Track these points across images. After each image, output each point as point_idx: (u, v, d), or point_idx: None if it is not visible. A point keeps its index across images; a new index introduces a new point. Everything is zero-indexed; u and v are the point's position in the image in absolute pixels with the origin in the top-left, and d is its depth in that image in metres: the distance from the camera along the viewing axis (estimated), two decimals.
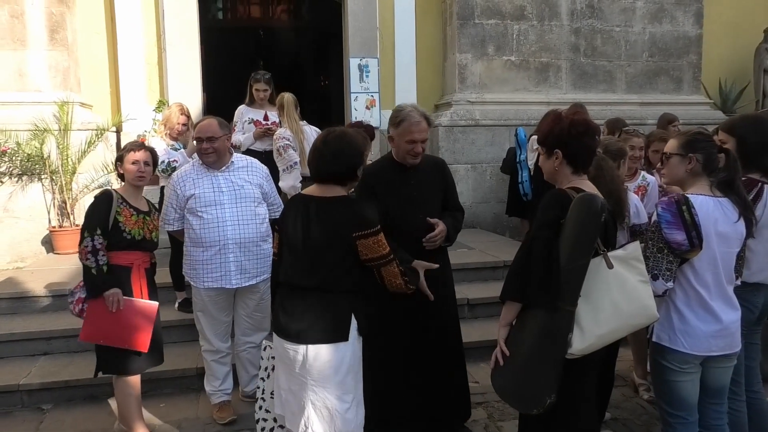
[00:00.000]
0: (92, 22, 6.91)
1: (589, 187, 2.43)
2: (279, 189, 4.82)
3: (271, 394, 2.75)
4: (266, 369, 2.88)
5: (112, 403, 3.59)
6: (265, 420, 2.84)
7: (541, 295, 2.30)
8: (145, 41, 6.96)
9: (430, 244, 3.07)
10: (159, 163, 4.32)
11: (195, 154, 4.69)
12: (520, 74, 7.67)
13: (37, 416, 3.80)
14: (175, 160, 4.62)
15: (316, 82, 11.76)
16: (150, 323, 3.20)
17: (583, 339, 2.28)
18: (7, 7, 6.25)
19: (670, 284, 2.46)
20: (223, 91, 8.82)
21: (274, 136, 4.84)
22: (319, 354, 2.45)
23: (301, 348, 2.46)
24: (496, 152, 7.19)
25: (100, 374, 3.32)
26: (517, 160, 6.22)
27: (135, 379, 3.31)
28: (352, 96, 7.42)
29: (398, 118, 3.05)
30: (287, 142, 4.71)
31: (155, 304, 3.21)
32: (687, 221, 2.41)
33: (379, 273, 2.54)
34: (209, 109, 7.23)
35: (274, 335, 2.61)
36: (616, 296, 2.30)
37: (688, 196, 2.48)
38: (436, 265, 2.90)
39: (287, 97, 4.91)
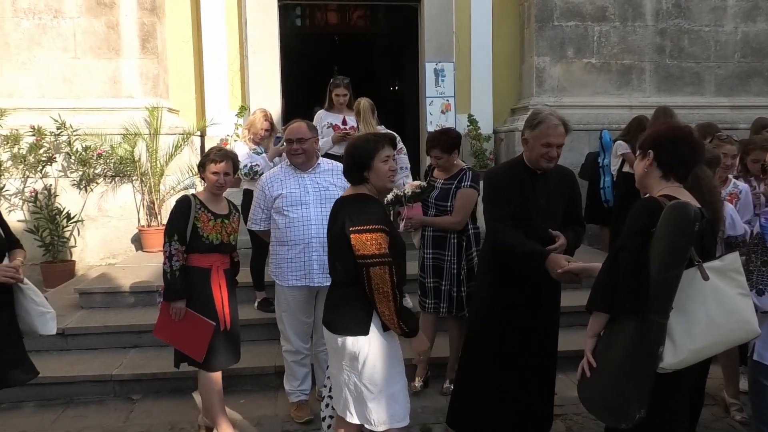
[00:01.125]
0: (180, 31, 7.24)
1: (684, 195, 2.33)
2: None
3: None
4: (330, 390, 3.02)
5: (196, 396, 3.73)
6: (331, 417, 2.95)
7: (630, 306, 2.23)
8: (228, 49, 7.22)
9: (563, 280, 2.93)
10: (241, 167, 4.49)
11: (276, 158, 4.86)
12: (600, 77, 7.45)
13: (128, 405, 4.01)
14: (256, 165, 4.77)
15: (390, 87, 11.84)
16: (206, 339, 3.30)
17: (676, 353, 2.19)
18: (104, 18, 6.64)
19: None
20: (299, 95, 9.07)
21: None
22: (345, 344, 2.60)
23: (334, 335, 2.65)
24: (574, 157, 6.98)
25: (182, 367, 3.46)
26: (600, 164, 6.03)
27: (217, 375, 3.43)
28: (428, 100, 7.42)
29: (535, 120, 2.98)
30: None
31: (212, 324, 3.29)
32: None
33: (367, 273, 2.50)
34: (287, 113, 7.44)
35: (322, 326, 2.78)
36: (712, 309, 2.19)
37: None
38: (575, 265, 2.80)
39: (364, 102, 4.96)
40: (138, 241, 6.59)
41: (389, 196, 3.71)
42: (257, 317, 4.72)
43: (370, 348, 2.57)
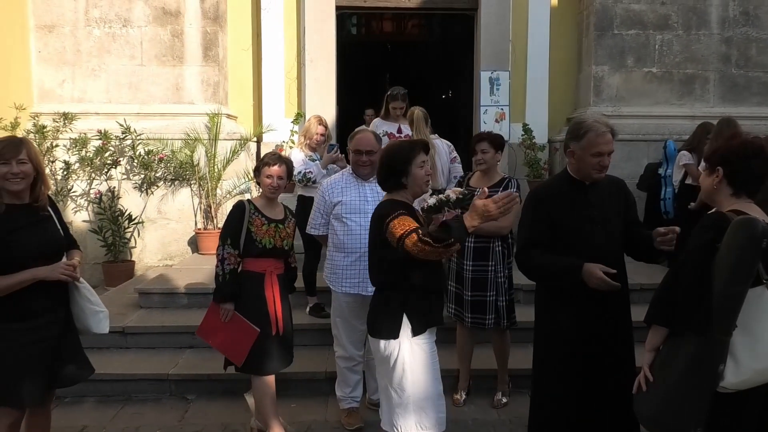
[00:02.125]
0: (240, 39, 7.43)
1: (754, 210, 2.26)
2: None
3: None
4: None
5: (249, 399, 3.80)
6: None
7: (689, 321, 2.18)
8: (285, 57, 7.37)
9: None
10: (295, 173, 4.56)
11: (330, 165, 4.92)
12: (661, 87, 7.24)
13: (183, 405, 4.12)
14: (309, 171, 4.84)
15: (443, 95, 11.83)
16: (248, 344, 3.34)
17: (738, 372, 2.13)
18: (169, 27, 6.88)
19: None
20: (352, 102, 9.16)
21: None
22: (378, 346, 2.73)
23: (372, 339, 2.80)
24: (632, 168, 6.80)
25: (230, 370, 3.51)
26: (663, 175, 5.84)
27: (270, 379, 3.49)
28: (482, 109, 7.38)
29: (581, 129, 2.82)
30: None
31: (256, 330, 3.33)
32: None
33: (404, 249, 2.54)
34: (341, 120, 7.53)
35: None
36: None
37: None
38: (614, 271, 2.70)
39: (417, 112, 4.97)
40: (194, 244, 6.78)
41: (431, 201, 3.68)
42: (309, 322, 4.78)
43: (399, 352, 2.66)
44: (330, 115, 7.08)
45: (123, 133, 6.51)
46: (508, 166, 7.27)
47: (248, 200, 3.52)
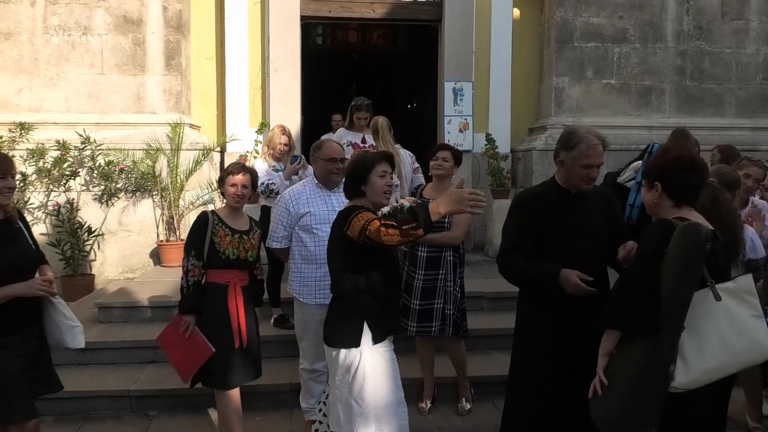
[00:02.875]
0: (204, 48, 7.37)
1: (696, 217, 2.39)
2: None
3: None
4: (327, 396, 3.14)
5: (212, 413, 3.75)
6: (320, 422, 3.09)
7: (641, 323, 2.26)
8: (250, 66, 7.32)
9: (576, 292, 2.73)
10: (259, 184, 4.53)
11: (293, 176, 4.90)
12: (620, 98, 7.45)
13: (144, 422, 4.03)
14: (272, 182, 4.81)
15: (408, 105, 11.93)
16: (200, 362, 3.31)
17: (688, 373, 2.22)
18: (131, 35, 6.79)
19: None
20: (317, 112, 9.16)
21: None
22: (337, 356, 2.70)
23: (328, 349, 2.77)
24: None
25: (198, 385, 3.46)
26: (637, 180, 5.95)
27: (235, 393, 3.43)
28: (446, 119, 7.46)
29: (573, 140, 2.80)
30: None
31: (212, 350, 3.29)
32: None
33: (369, 239, 2.55)
34: (306, 130, 7.52)
35: None
36: (724, 330, 2.23)
37: None
38: (590, 279, 2.71)
39: (381, 121, 5.00)
40: (156, 256, 6.66)
41: (385, 209, 3.70)
42: (273, 334, 4.74)
43: (360, 361, 2.64)
44: (295, 125, 7.06)
45: (82, 144, 6.38)
46: (472, 176, 7.36)
47: (212, 211, 3.48)
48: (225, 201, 3.53)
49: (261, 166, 4.89)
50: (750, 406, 3.81)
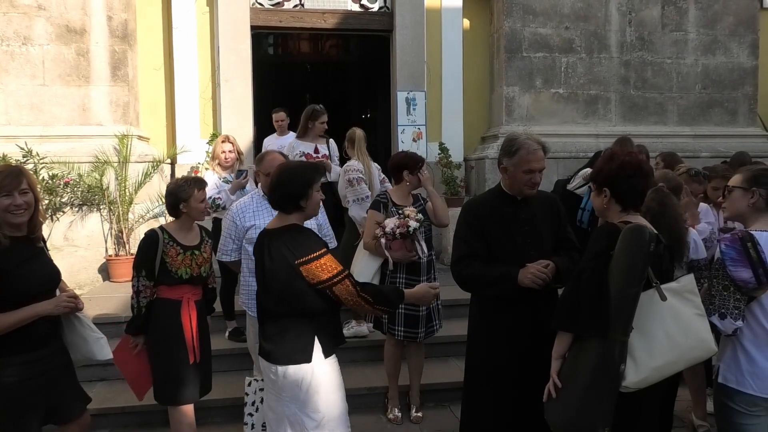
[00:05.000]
0: (151, 58, 7.22)
1: (641, 220, 2.48)
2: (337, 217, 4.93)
3: (262, 426, 3.00)
4: (254, 403, 3.21)
5: (166, 430, 3.64)
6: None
7: (592, 324, 2.32)
8: (200, 77, 7.21)
9: (535, 281, 2.80)
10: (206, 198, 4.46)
11: (238, 191, 4.82)
12: (568, 106, 7.64)
13: None
14: (219, 197, 4.74)
15: (362, 115, 11.96)
16: (148, 382, 3.33)
17: (638, 371, 2.28)
18: (74, 45, 6.60)
19: (739, 323, 2.40)
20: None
21: (346, 168, 4.88)
22: (286, 373, 2.61)
23: (273, 366, 2.64)
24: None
25: (151, 400, 3.39)
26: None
27: (188, 408, 3.36)
28: (399, 128, 7.51)
29: (513, 146, 2.88)
30: (360, 175, 4.78)
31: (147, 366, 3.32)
32: (753, 258, 2.37)
33: (333, 294, 2.59)
34: (258, 141, 7.44)
35: (260, 358, 2.77)
36: (670, 328, 2.30)
37: (752, 232, 2.43)
38: (547, 261, 2.82)
39: (358, 132, 5.01)
40: (105, 271, 6.45)
41: (414, 224, 3.78)
42: (228, 347, 4.66)
43: (312, 375, 2.60)
44: (247, 135, 7.00)
45: (24, 157, 6.13)
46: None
47: (161, 227, 3.37)
48: (174, 218, 3.40)
49: (211, 178, 4.80)
50: (695, 404, 3.93)
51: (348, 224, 4.97)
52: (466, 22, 7.84)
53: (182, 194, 3.29)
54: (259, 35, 8.17)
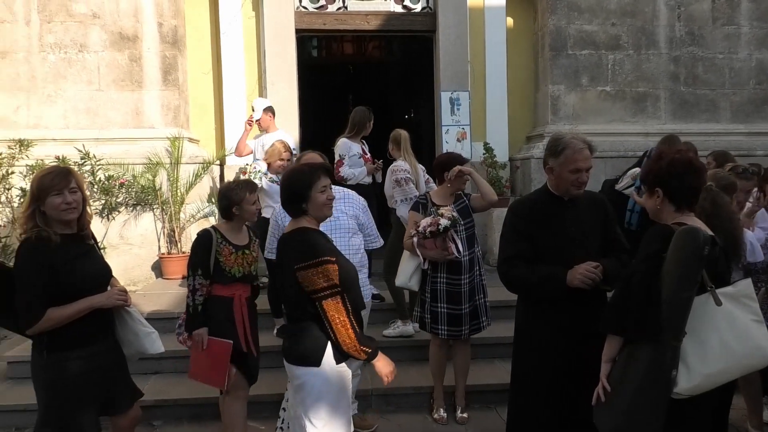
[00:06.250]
0: (200, 63, 7.42)
1: (695, 222, 2.41)
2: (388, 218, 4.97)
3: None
4: (287, 399, 3.21)
5: (217, 423, 3.75)
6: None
7: (642, 328, 2.27)
8: (247, 80, 7.37)
9: (585, 281, 2.75)
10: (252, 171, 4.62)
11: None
12: (615, 105, 7.50)
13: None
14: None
15: (405, 115, 11.98)
16: (225, 360, 3.35)
17: (690, 378, 2.22)
18: (127, 52, 6.83)
19: None
20: (315, 124, 9.21)
21: (393, 168, 4.93)
22: (295, 374, 2.62)
23: (288, 365, 2.66)
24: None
25: (204, 393, 3.53)
26: (637, 185, 5.96)
27: (241, 400, 3.51)
28: (443, 129, 7.51)
29: (558, 146, 2.86)
30: (408, 175, 4.83)
31: (229, 342, 3.35)
32: None
33: (321, 306, 2.49)
34: (304, 142, 7.55)
35: None
36: (725, 335, 2.23)
37: None
38: (597, 263, 2.75)
39: (403, 133, 5.07)
40: (158, 269, 6.67)
41: (445, 222, 3.72)
42: (277, 344, 4.68)
43: (320, 380, 2.55)
44: (294, 136, 7.09)
45: (82, 159, 6.39)
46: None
47: (213, 228, 3.49)
48: (234, 216, 3.48)
49: (262, 165, 5.02)
50: (750, 413, 3.82)
51: (395, 224, 5.02)
52: (510, 21, 7.79)
53: (235, 197, 3.41)
54: (303, 38, 8.29)
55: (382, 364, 2.64)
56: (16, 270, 2.66)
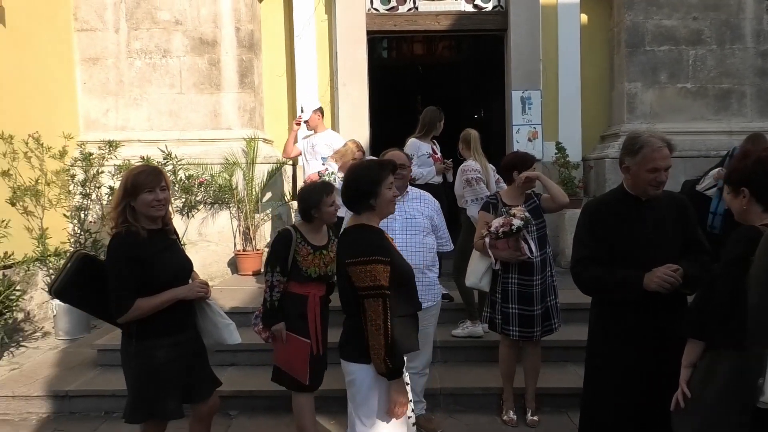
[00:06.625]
0: (275, 65, 7.65)
1: None
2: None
3: None
4: None
5: (290, 415, 3.87)
6: None
7: (725, 334, 2.19)
8: (319, 81, 7.54)
9: (663, 285, 2.66)
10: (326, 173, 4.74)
11: None
12: (696, 102, 7.20)
13: (226, 420, 4.21)
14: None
15: (474, 115, 11.89)
16: (304, 358, 3.41)
17: None
18: (206, 56, 7.14)
19: None
20: (383, 124, 9.29)
21: (464, 168, 4.95)
22: (348, 369, 2.60)
23: (342, 362, 2.64)
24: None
25: (276, 386, 3.60)
26: (719, 186, 5.73)
27: (310, 396, 3.55)
28: (514, 128, 7.42)
29: (636, 145, 2.77)
30: (478, 175, 4.84)
31: (307, 342, 3.41)
32: None
33: (362, 304, 2.44)
34: (373, 142, 7.65)
35: None
36: None
37: None
38: (675, 266, 2.65)
39: (474, 133, 5.07)
40: (233, 265, 6.93)
41: (517, 222, 3.72)
42: None
43: (367, 377, 2.53)
44: (364, 137, 7.20)
45: (164, 159, 6.72)
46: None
47: (293, 226, 3.57)
48: (314, 217, 3.53)
49: (332, 166, 5.13)
50: None
51: (464, 224, 5.01)
52: (584, 17, 7.60)
53: (313, 200, 3.48)
54: (374, 39, 8.39)
55: (397, 392, 2.48)
56: (108, 263, 2.83)
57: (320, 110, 6.21)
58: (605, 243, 2.84)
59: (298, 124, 6.24)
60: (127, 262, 2.76)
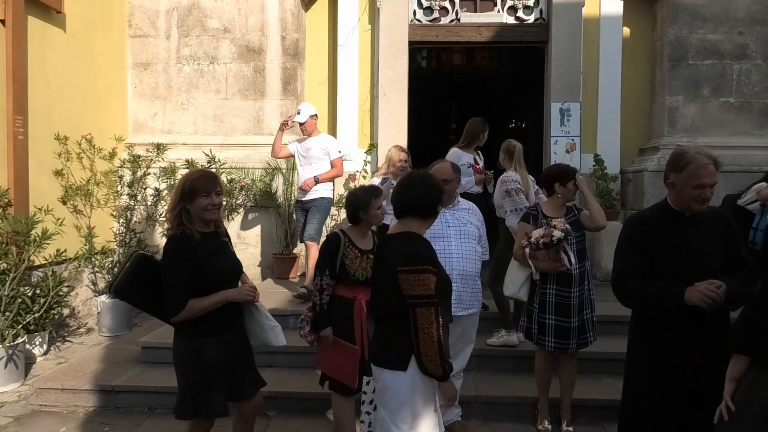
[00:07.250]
0: (318, 74, 7.81)
1: None
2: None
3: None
4: (371, 402, 3.23)
5: (330, 416, 3.96)
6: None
7: None
8: (359, 90, 7.65)
9: (704, 299, 2.66)
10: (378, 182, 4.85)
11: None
12: (740, 117, 7.11)
13: (264, 421, 4.31)
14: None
15: (509, 125, 11.89)
16: (354, 363, 3.46)
17: None
18: (252, 63, 7.33)
19: None
20: (420, 132, 9.37)
21: (504, 178, 5.01)
22: (381, 377, 2.62)
23: (375, 369, 2.67)
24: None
25: (313, 388, 3.73)
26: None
27: (352, 399, 3.62)
28: (552, 140, 7.42)
29: (682, 161, 2.78)
30: (518, 186, 4.90)
31: (357, 348, 3.46)
32: None
33: (414, 313, 2.49)
34: (411, 150, 7.72)
35: None
36: None
37: None
38: (719, 282, 2.65)
39: (518, 145, 5.14)
40: (271, 268, 7.07)
41: (558, 234, 3.77)
42: None
43: (404, 384, 2.56)
44: (402, 143, 7.28)
45: (208, 163, 6.91)
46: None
47: (342, 231, 3.64)
48: (362, 221, 3.61)
49: (376, 182, 5.21)
50: None
51: (503, 234, 5.06)
52: (626, 30, 7.58)
53: (361, 203, 3.56)
54: (414, 49, 8.49)
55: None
56: (164, 264, 2.95)
57: (315, 117, 6.22)
58: (647, 257, 2.86)
59: (286, 125, 6.13)
60: (182, 263, 2.87)
